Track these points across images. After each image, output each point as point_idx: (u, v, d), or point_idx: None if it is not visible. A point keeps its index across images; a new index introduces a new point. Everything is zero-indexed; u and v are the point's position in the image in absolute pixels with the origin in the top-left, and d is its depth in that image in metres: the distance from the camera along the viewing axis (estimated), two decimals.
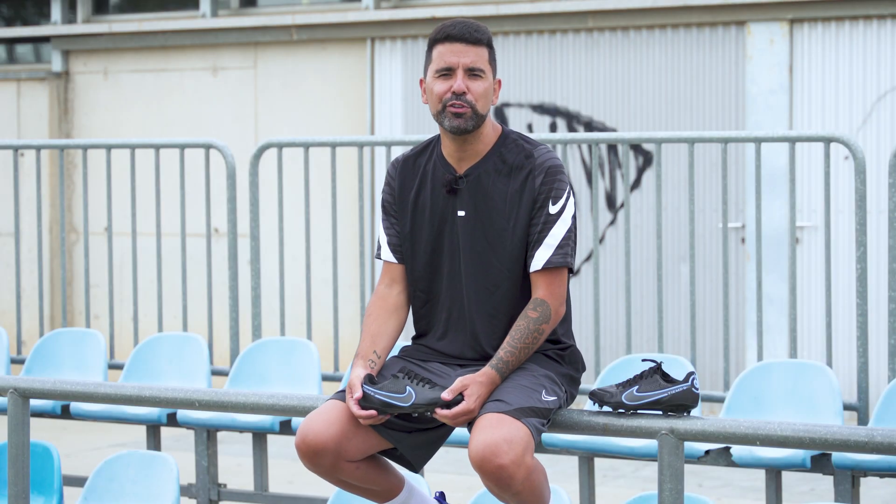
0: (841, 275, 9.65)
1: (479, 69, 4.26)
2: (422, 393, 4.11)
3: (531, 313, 4.21)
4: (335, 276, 7.63)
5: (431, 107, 4.29)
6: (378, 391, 4.11)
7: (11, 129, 12.43)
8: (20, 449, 4.64)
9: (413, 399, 4.09)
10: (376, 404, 4.10)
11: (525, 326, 4.19)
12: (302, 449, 4.15)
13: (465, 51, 4.25)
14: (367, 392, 4.11)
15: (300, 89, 11.59)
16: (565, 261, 4.24)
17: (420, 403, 4.09)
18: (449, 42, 4.26)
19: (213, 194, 9.13)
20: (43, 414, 7.20)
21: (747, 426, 3.98)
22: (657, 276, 7.03)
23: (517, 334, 4.18)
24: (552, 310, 4.22)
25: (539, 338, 4.20)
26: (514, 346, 4.17)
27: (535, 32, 10.82)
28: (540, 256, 4.23)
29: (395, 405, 4.09)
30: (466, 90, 4.23)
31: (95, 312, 11.58)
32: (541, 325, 4.20)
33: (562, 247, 4.23)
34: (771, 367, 6.20)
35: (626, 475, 8.77)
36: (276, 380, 6.97)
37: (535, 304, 4.22)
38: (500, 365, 4.15)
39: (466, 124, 4.24)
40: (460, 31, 4.26)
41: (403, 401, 4.08)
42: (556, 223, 4.24)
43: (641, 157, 10.58)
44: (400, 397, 4.09)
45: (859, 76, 9.89)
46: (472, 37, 4.26)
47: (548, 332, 4.22)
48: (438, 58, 4.27)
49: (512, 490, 4.02)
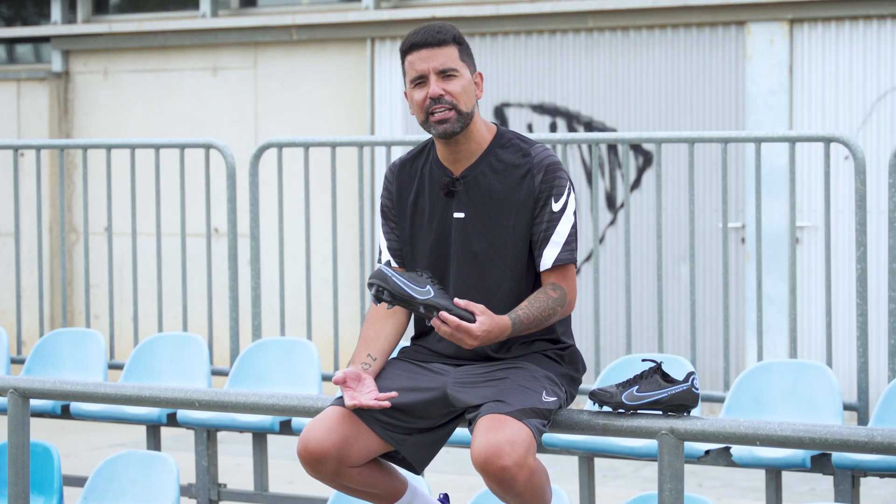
0: (841, 275, 9.65)
1: (450, 69, 4.26)
2: (440, 295, 4.09)
3: (550, 292, 4.21)
4: (335, 276, 7.63)
5: (417, 117, 4.30)
6: (398, 275, 4.09)
7: (11, 129, 12.43)
8: (20, 449, 4.64)
9: (431, 295, 4.07)
10: (392, 288, 4.06)
11: (544, 300, 4.19)
12: (304, 457, 4.15)
13: (432, 55, 4.25)
14: (387, 273, 4.08)
15: (300, 89, 11.59)
16: (572, 256, 4.26)
17: (433, 303, 4.06)
18: (415, 50, 4.28)
19: (213, 194, 9.13)
20: (43, 414, 7.20)
21: (747, 426, 3.98)
22: (657, 276, 7.02)
23: (536, 303, 4.18)
24: (568, 297, 4.23)
25: (552, 316, 4.20)
26: (531, 312, 4.16)
27: (535, 32, 10.82)
28: (549, 255, 4.24)
29: (412, 295, 4.06)
30: (443, 92, 4.23)
31: (95, 312, 11.58)
32: (556, 306, 4.21)
33: (568, 243, 4.25)
34: (771, 367, 6.20)
35: (626, 475, 8.77)
36: (276, 380, 6.97)
37: (553, 287, 4.23)
38: (517, 320, 4.14)
39: (453, 127, 4.24)
40: (423, 36, 4.27)
41: (421, 294, 4.06)
42: (560, 220, 4.25)
43: (641, 157, 10.58)
44: (419, 290, 4.08)
45: (859, 76, 9.89)
46: (436, 39, 4.26)
47: (559, 315, 4.22)
48: (409, 68, 4.29)
49: (514, 491, 4.02)
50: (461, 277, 4.29)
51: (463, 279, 4.29)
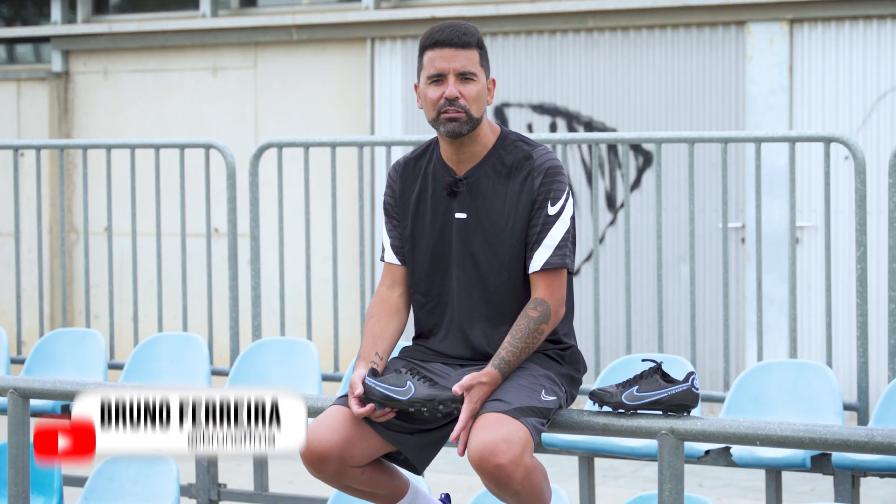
0: (841, 275, 9.64)
1: (470, 73, 4.25)
2: (420, 389, 4.13)
3: (531, 312, 4.21)
4: (335, 276, 7.63)
5: (426, 113, 4.29)
6: (379, 383, 4.14)
7: (11, 129, 12.43)
8: (20, 449, 4.64)
9: (412, 393, 4.12)
10: (377, 396, 4.12)
11: (525, 326, 4.20)
12: (307, 457, 4.15)
13: (455, 55, 4.24)
14: (368, 385, 4.14)
15: (300, 89, 11.59)
16: (563, 262, 4.24)
17: (417, 399, 4.12)
18: (438, 48, 4.26)
19: (213, 194, 9.12)
20: (43, 414, 7.20)
21: (747, 426, 3.98)
22: (657, 276, 7.02)
23: (518, 333, 4.19)
24: (552, 310, 4.22)
25: (539, 337, 4.21)
26: (515, 346, 4.18)
27: (535, 32, 10.81)
28: (538, 257, 4.24)
29: (395, 398, 4.12)
30: (459, 95, 4.23)
31: (95, 312, 11.58)
32: (540, 324, 4.20)
33: (560, 248, 4.23)
34: (771, 367, 6.20)
35: (626, 475, 8.77)
36: (276, 380, 6.97)
37: (536, 303, 4.22)
38: (502, 364, 4.16)
39: (461, 128, 4.24)
40: (449, 35, 4.25)
41: (402, 394, 4.11)
42: (554, 224, 4.24)
43: (641, 157, 10.58)
44: (399, 391, 4.13)
45: (859, 76, 9.89)
46: (462, 40, 4.25)
47: (547, 331, 4.23)
48: (429, 64, 4.26)
49: (511, 490, 4.02)
50: (462, 278, 4.30)
51: (464, 280, 4.30)
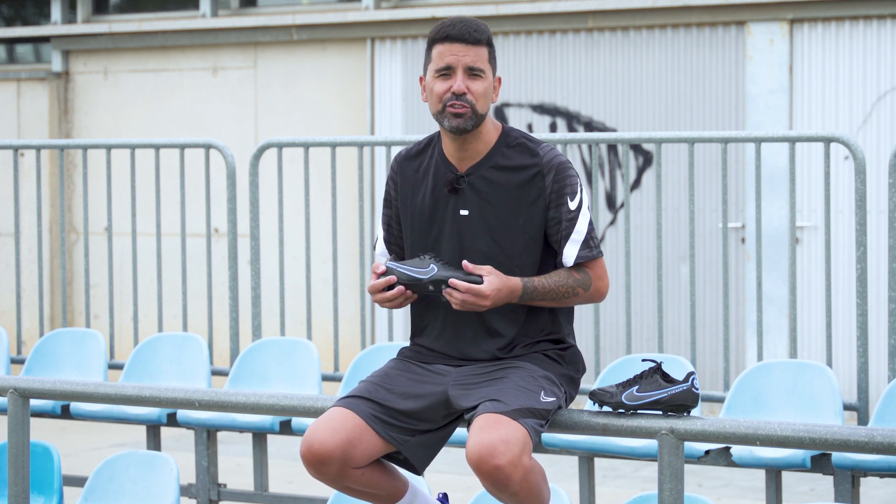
0: (841, 275, 9.64)
1: (478, 69, 4.26)
2: (445, 268, 4.20)
3: (575, 273, 4.28)
4: (335, 276, 7.63)
5: (431, 106, 4.29)
6: (401, 265, 4.22)
7: (11, 129, 12.43)
8: (20, 449, 4.64)
9: (435, 272, 4.19)
10: (400, 277, 4.21)
11: (565, 276, 4.27)
12: (308, 458, 4.15)
13: (465, 51, 4.25)
14: (390, 266, 4.22)
15: (300, 89, 11.59)
16: (592, 253, 4.29)
17: (439, 277, 4.18)
18: (448, 42, 4.26)
19: (213, 194, 9.13)
20: (43, 414, 7.19)
21: (747, 426, 3.98)
22: (657, 276, 7.02)
23: (555, 276, 4.26)
24: (592, 281, 4.26)
25: (570, 296, 4.26)
26: (548, 283, 4.24)
27: (535, 32, 10.82)
28: (569, 252, 4.28)
29: (417, 277, 4.19)
30: (466, 90, 4.23)
31: (95, 312, 11.58)
32: (577, 287, 4.26)
33: (588, 240, 4.29)
34: (771, 367, 6.20)
35: (626, 475, 8.77)
36: (276, 380, 6.97)
37: (579, 269, 4.29)
38: (529, 285, 4.23)
39: (466, 124, 4.25)
40: (460, 31, 4.25)
41: (425, 273, 4.20)
42: (578, 219, 4.29)
43: (641, 157, 10.58)
44: (422, 271, 4.21)
45: (859, 76, 9.89)
46: (472, 37, 4.25)
47: (581, 299, 4.27)
48: (438, 57, 4.26)
49: (509, 491, 4.02)
50: None
51: None
